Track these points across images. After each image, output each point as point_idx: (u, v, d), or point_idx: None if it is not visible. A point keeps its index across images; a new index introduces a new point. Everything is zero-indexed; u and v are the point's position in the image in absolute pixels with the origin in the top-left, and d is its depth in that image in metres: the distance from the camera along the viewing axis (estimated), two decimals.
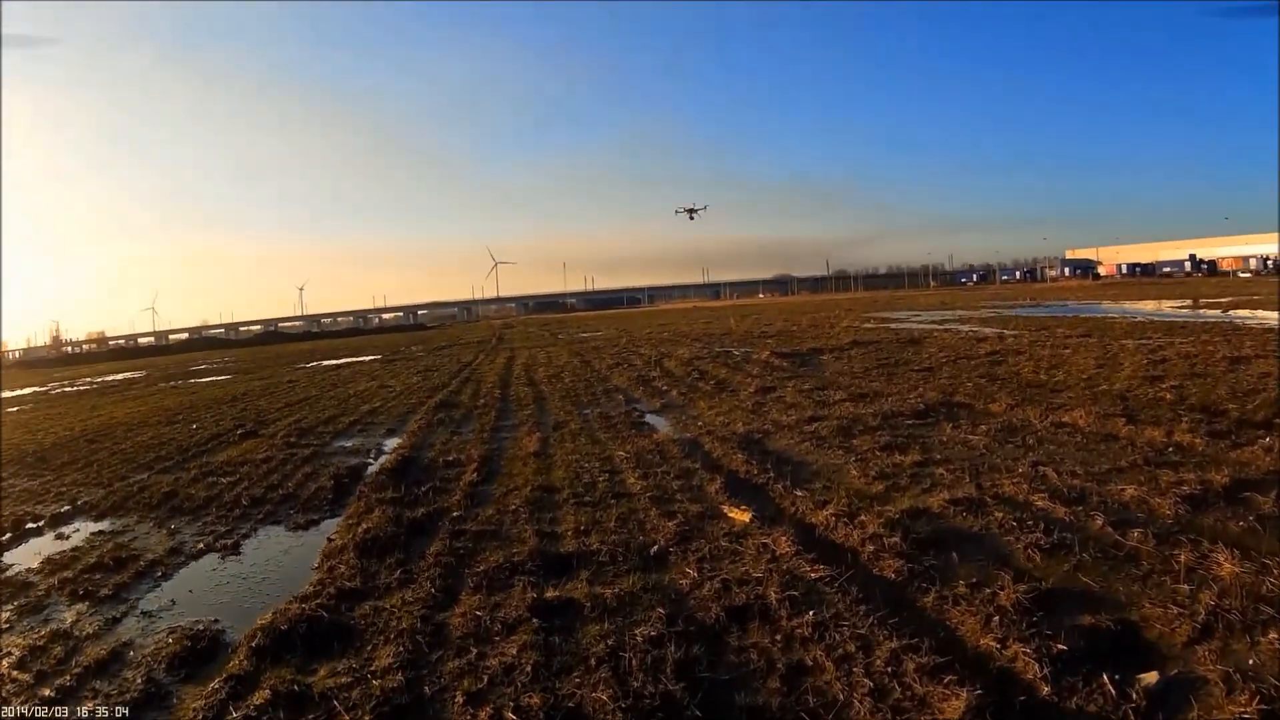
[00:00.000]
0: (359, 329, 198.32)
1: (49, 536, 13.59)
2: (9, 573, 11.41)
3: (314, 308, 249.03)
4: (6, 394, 63.75)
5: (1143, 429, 14.49)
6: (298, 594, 9.25)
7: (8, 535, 13.73)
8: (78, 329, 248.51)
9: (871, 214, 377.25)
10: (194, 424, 27.07)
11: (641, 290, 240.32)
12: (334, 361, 63.30)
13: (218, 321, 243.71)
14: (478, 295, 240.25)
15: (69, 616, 9.45)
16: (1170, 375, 20.55)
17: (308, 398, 33.46)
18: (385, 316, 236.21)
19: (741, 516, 10.79)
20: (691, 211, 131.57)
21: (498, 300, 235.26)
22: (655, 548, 9.83)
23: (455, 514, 12.34)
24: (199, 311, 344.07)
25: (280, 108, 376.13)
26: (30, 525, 14.36)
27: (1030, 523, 9.54)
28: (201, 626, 8.76)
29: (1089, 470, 11.81)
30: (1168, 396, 17.61)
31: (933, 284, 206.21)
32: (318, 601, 8.69)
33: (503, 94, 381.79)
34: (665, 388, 25.84)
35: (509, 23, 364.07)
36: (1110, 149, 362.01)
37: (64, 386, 67.72)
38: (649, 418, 20.52)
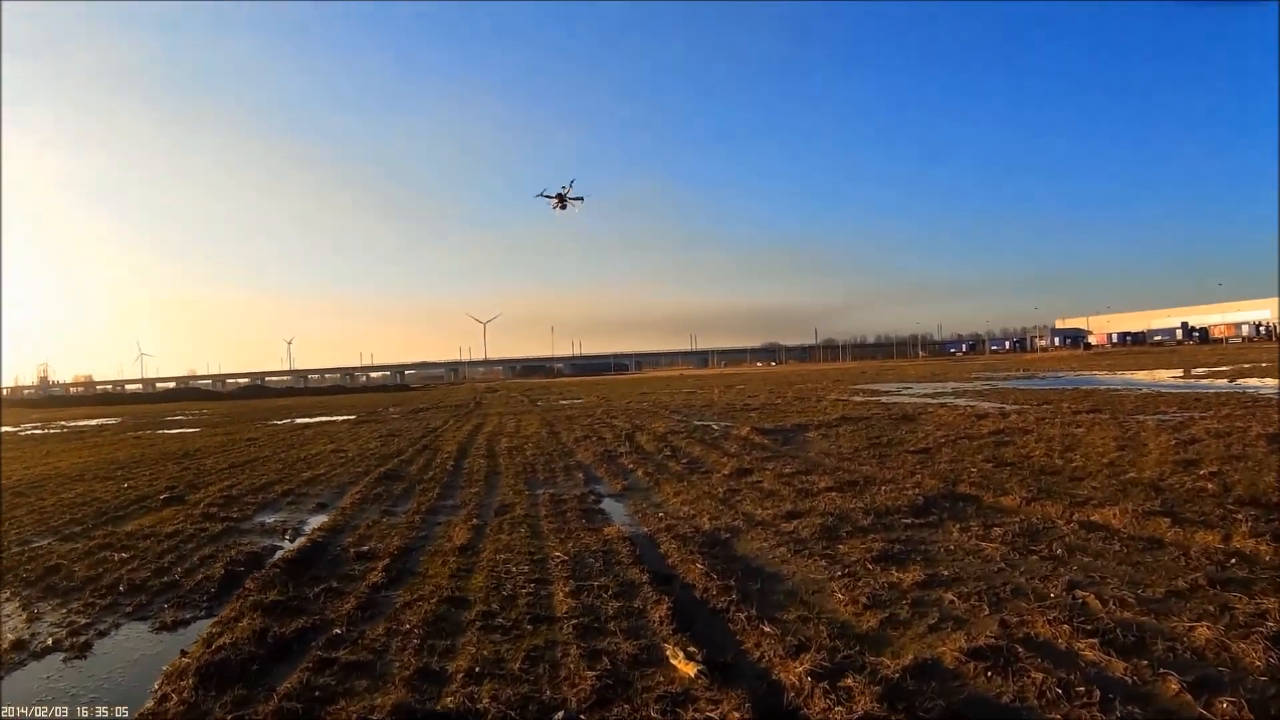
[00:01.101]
0: (343, 387, 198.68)
1: None
2: None
3: (302, 363, 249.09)
4: None
5: (1191, 532, 12.23)
6: None
7: None
8: (66, 372, 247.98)
9: (858, 280, 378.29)
10: (128, 482, 25.84)
11: (629, 356, 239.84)
12: (305, 420, 62.51)
13: (205, 373, 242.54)
14: (465, 357, 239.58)
15: None
16: (1206, 459, 18.50)
17: (256, 459, 31.95)
18: (373, 375, 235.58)
19: (686, 668, 8.21)
20: (563, 199, 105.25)
21: (485, 363, 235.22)
22: (560, 714, 7.27)
23: (336, 631, 10.03)
24: (188, 362, 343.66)
25: (270, 163, 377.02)
26: None
27: (1081, 689, 7.09)
28: None
29: (1140, 596, 9.56)
30: (1209, 486, 15.56)
31: (922, 354, 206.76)
32: None
33: (490, 153, 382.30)
34: (632, 466, 23.70)
35: (500, 80, 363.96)
36: (1096, 213, 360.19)
37: (34, 429, 67.21)
38: (606, 503, 18.45)
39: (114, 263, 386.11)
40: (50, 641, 10.57)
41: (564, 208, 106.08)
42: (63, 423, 77.36)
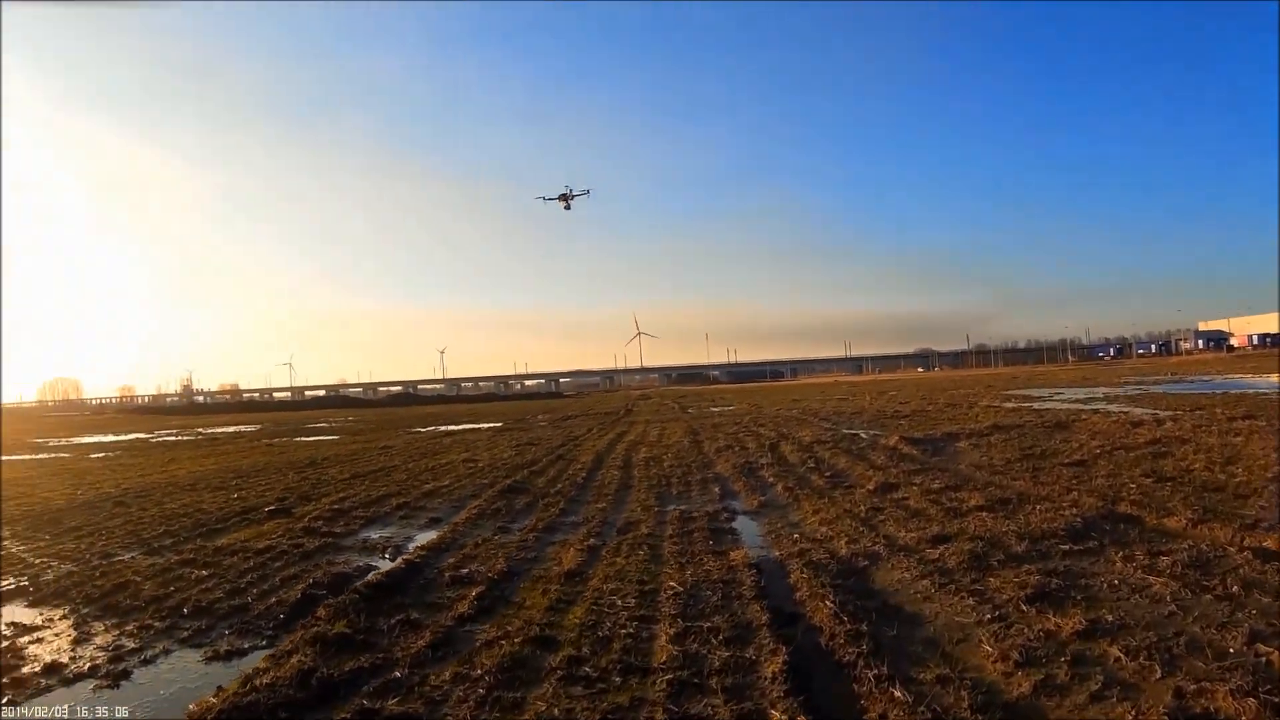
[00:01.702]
0: (496, 395, 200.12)
1: None
2: None
3: (455, 371, 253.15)
4: (105, 439, 66.67)
5: None
6: None
7: None
8: (212, 380, 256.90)
9: (1008, 286, 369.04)
10: (240, 492, 25.90)
11: (784, 363, 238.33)
12: (450, 427, 63.32)
13: (356, 381, 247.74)
14: (620, 365, 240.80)
15: None
16: None
17: (383, 469, 31.77)
18: (527, 383, 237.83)
19: None
20: (566, 199, 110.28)
21: (641, 370, 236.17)
22: None
23: (394, 675, 9.04)
24: (339, 370, 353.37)
25: (418, 176, 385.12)
26: None
27: None
28: None
29: None
30: None
31: (1070, 359, 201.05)
32: None
33: (640, 164, 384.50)
34: (772, 480, 22.58)
35: (646, 89, 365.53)
36: (1240, 210, 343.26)
37: (166, 436, 69.61)
38: (739, 521, 17.43)
39: (266, 274, 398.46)
40: (87, 667, 10.11)
41: (569, 207, 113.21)
42: (199, 430, 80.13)
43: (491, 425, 62.28)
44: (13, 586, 14.32)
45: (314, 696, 8.46)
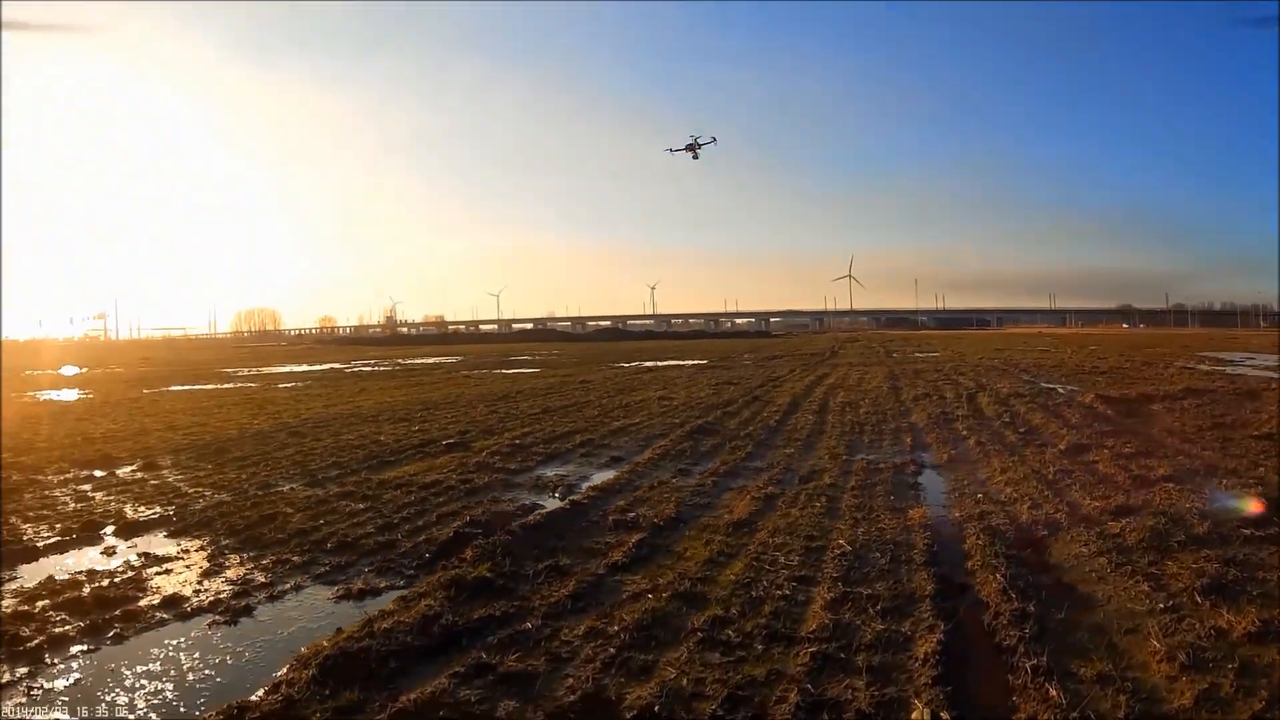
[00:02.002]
0: (705, 332, 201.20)
1: (93, 549, 12.86)
2: None
3: (665, 308, 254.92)
4: (298, 369, 70.04)
5: None
6: None
7: (53, 540, 13.21)
8: (417, 312, 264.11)
9: (1206, 248, 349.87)
10: (422, 424, 26.75)
11: (990, 312, 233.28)
12: (653, 363, 65.08)
13: (564, 315, 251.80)
14: (830, 306, 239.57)
15: None
16: None
17: (575, 404, 32.56)
18: (737, 321, 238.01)
19: None
20: (694, 149, 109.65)
21: (850, 313, 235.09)
22: None
23: (524, 625, 8.83)
24: (548, 304, 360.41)
25: (630, 113, 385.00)
26: (105, 529, 13.97)
27: None
28: None
29: None
30: None
31: (1262, 324, 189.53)
32: None
33: (846, 109, 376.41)
34: (965, 433, 22.63)
35: (858, 34, 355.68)
36: None
37: (362, 366, 72.62)
38: (925, 476, 17.38)
39: (473, 207, 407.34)
40: (209, 601, 10.33)
41: (696, 157, 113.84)
42: (398, 361, 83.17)
43: (695, 363, 63.76)
44: (157, 516, 14.81)
45: (432, 645, 8.29)
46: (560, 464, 19.30)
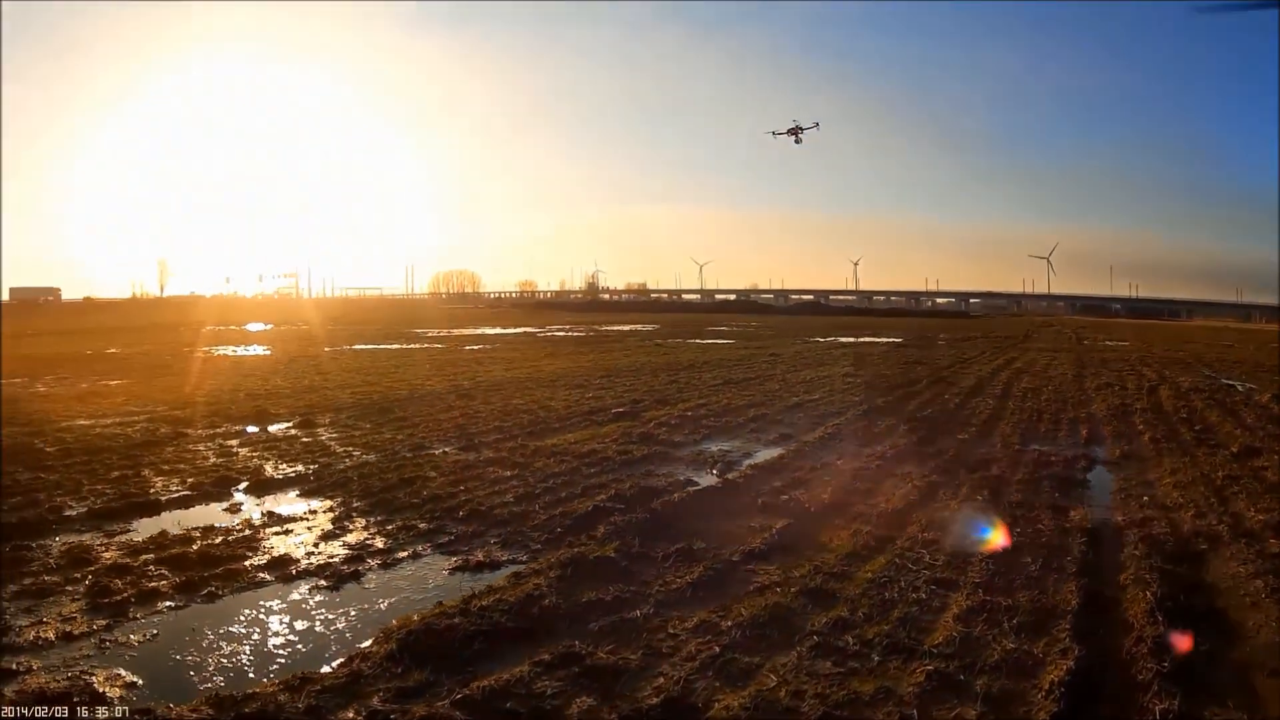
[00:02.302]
0: (905, 310, 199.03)
1: (218, 505, 13.14)
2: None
3: (867, 284, 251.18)
4: (489, 331, 71.83)
5: None
6: None
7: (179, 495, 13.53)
8: (619, 279, 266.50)
9: None
10: (597, 391, 26.94)
11: (1180, 303, 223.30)
12: (846, 339, 64.92)
13: (767, 287, 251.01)
14: (1028, 289, 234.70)
15: None
16: None
17: (758, 377, 32.32)
18: (938, 301, 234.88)
19: None
20: (797, 133, 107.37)
21: (1047, 297, 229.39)
22: None
23: (632, 614, 8.39)
24: (752, 275, 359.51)
25: (834, 82, 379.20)
26: (237, 486, 14.24)
27: None
28: None
29: None
30: None
31: None
32: None
33: (1041, 88, 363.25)
34: (1141, 428, 21.69)
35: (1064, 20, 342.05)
36: None
37: (556, 331, 73.63)
38: (1095, 473, 16.60)
39: (678, 174, 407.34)
40: (317, 564, 10.30)
41: (799, 141, 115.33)
42: (593, 327, 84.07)
43: (889, 340, 63.32)
44: (295, 474, 15.07)
45: (526, 628, 7.93)
46: (727, 439, 18.93)
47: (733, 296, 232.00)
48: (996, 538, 11.16)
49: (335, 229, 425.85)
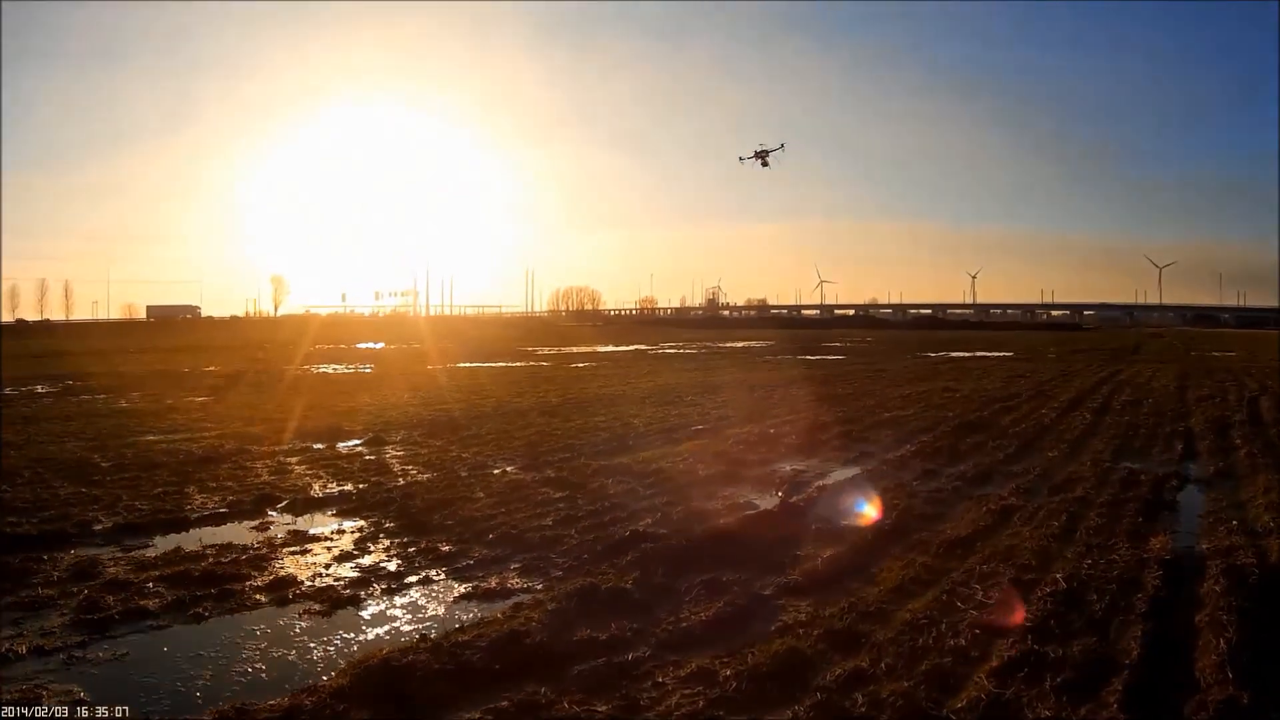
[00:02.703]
0: (1020, 323, 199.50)
1: (249, 523, 12.88)
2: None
3: (984, 296, 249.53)
4: (606, 349, 73.00)
5: None
6: None
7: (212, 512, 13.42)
8: (739, 295, 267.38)
9: None
10: (683, 409, 26.38)
11: None
12: (958, 354, 64.55)
13: (886, 301, 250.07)
14: (1140, 300, 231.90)
15: None
16: None
17: (854, 393, 31.89)
18: (1053, 313, 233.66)
19: None
20: (764, 156, 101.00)
21: (1159, 308, 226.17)
22: None
23: (625, 656, 7.54)
24: (871, 290, 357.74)
25: (958, 99, 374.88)
26: (277, 504, 14.02)
27: None
28: None
29: None
30: None
31: None
32: None
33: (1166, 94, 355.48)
34: (1238, 442, 20.47)
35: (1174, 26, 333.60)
36: None
37: (669, 348, 73.61)
38: (1185, 493, 15.53)
39: (797, 188, 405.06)
40: (320, 587, 9.91)
41: (766, 164, 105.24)
42: (707, 344, 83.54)
43: (999, 354, 63.68)
44: (338, 493, 14.80)
45: (496, 670, 7.14)
46: (805, 457, 18.11)
47: (851, 312, 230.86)
48: (1061, 572, 9.90)
49: (456, 245, 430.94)
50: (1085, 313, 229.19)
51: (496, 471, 16.26)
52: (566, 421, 22.88)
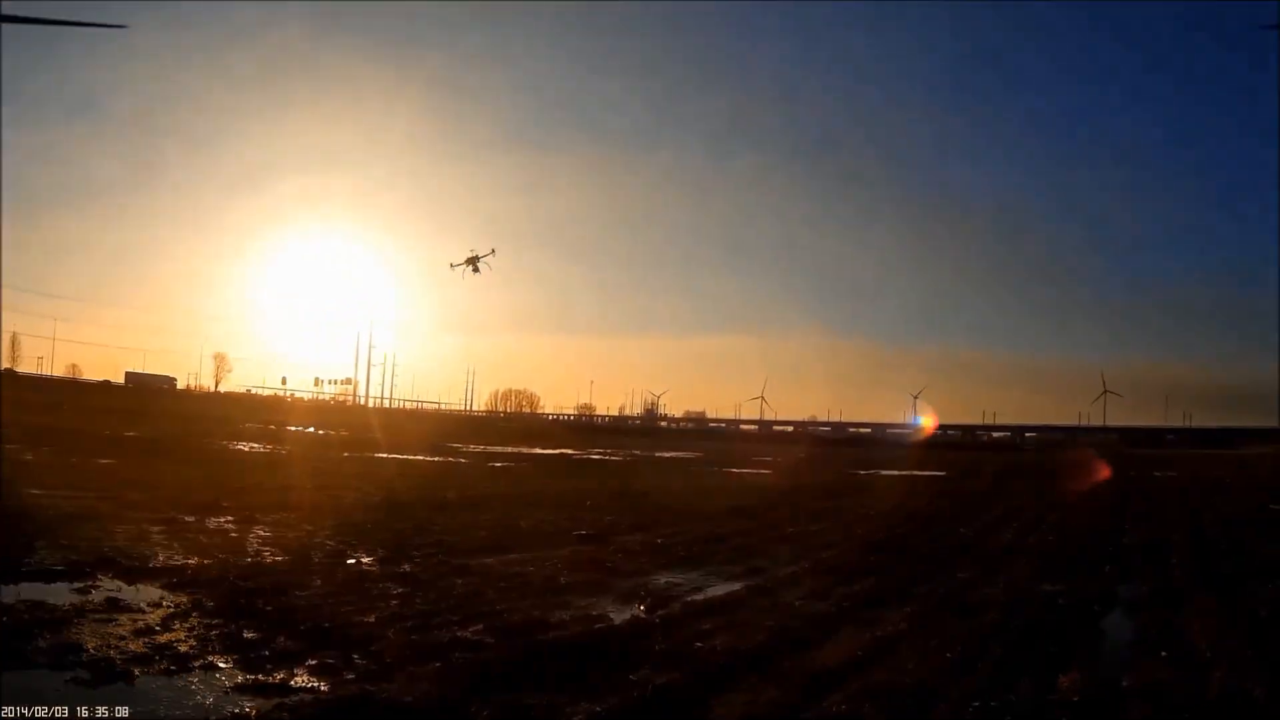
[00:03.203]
0: (959, 444, 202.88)
1: (83, 584, 12.75)
2: None
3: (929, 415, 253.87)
4: (531, 450, 71.83)
5: None
6: None
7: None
8: (679, 406, 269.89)
9: None
10: (580, 513, 25.34)
11: (1236, 431, 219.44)
12: (890, 472, 63.77)
13: (825, 418, 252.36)
14: (1082, 422, 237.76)
15: None
16: None
17: (773, 504, 31.02)
18: (995, 434, 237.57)
19: None
20: (474, 262, 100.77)
21: (1102, 429, 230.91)
22: None
23: None
24: (810, 406, 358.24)
25: (892, 211, 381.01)
26: (114, 569, 13.75)
27: None
28: None
29: None
30: None
31: None
32: None
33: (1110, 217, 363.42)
34: (1175, 561, 19.51)
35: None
36: None
37: (593, 454, 73.76)
38: (1113, 617, 14.41)
39: (734, 304, 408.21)
40: (102, 657, 9.48)
41: (476, 270, 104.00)
42: (633, 451, 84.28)
43: (931, 474, 62.33)
44: (180, 565, 14.51)
45: None
46: (688, 569, 17.08)
47: (790, 428, 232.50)
48: (944, 714, 8.82)
49: (399, 340, 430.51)
50: (1026, 434, 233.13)
51: (351, 561, 15.61)
52: (451, 518, 22.02)
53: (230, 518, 19.44)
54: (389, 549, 17.00)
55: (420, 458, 49.88)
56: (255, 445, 48.02)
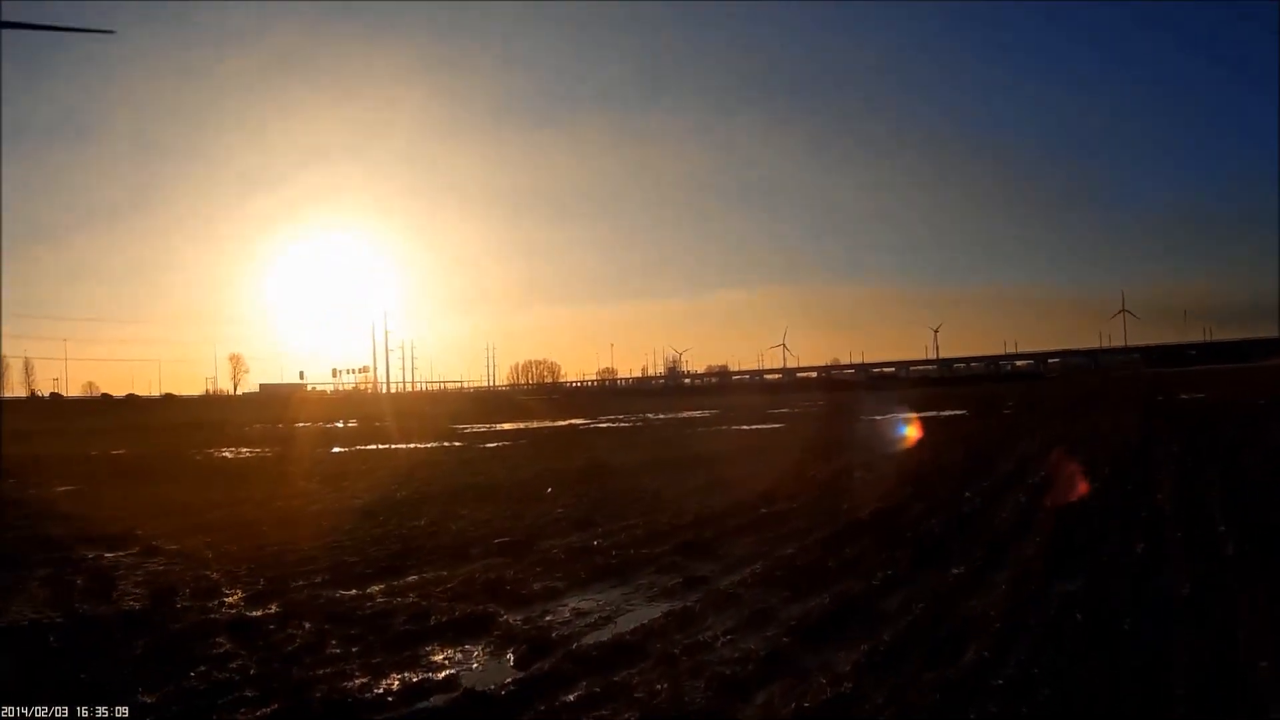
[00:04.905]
0: (980, 375, 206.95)
1: None
2: None
3: (947, 351, 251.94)
4: (537, 425, 69.42)
5: None
6: None
7: None
8: (700, 362, 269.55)
9: None
10: (524, 505, 22.48)
11: (1258, 342, 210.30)
12: (912, 413, 59.91)
13: (848, 361, 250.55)
14: (1104, 344, 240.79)
15: None
16: None
17: (755, 474, 26.72)
18: (1017, 364, 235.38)
19: None
20: None
21: (1124, 350, 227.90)
22: None
23: None
24: (833, 350, 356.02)
25: (909, 154, 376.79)
26: None
27: None
28: None
29: None
30: None
31: None
32: None
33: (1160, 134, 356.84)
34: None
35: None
36: None
37: (603, 423, 70.99)
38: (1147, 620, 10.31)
39: (760, 253, 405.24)
40: None
41: None
42: (646, 415, 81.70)
43: (951, 413, 59.92)
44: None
45: None
46: (610, 586, 13.83)
47: (814, 374, 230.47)
48: None
49: (418, 322, 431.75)
50: (1049, 360, 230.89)
51: (213, 602, 13.03)
52: (378, 526, 19.33)
53: (134, 550, 17.27)
54: (271, 579, 14.33)
55: (415, 445, 47.25)
56: (245, 450, 45.73)
